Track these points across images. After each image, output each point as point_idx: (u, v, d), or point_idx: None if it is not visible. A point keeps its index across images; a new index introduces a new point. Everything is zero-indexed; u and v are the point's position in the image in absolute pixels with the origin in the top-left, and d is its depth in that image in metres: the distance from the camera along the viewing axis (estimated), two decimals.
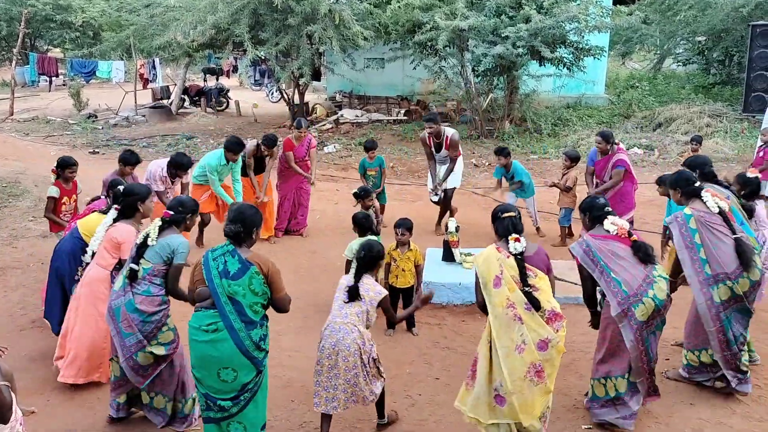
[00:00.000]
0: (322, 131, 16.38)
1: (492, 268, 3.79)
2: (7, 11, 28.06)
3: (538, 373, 3.67)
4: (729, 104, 15.94)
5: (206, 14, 14.10)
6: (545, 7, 12.78)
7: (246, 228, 3.71)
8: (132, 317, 4.03)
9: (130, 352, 4.06)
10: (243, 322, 3.62)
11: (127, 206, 4.65)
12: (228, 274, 3.62)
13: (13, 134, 16.77)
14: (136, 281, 4.09)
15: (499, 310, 3.72)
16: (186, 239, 4.24)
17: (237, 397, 3.67)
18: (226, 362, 3.61)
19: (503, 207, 4.14)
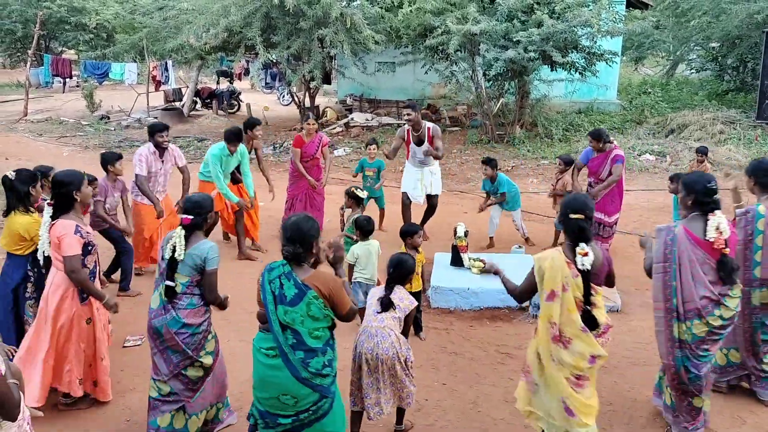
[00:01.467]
0: (332, 134, 16.40)
1: (554, 280, 3.53)
2: (22, 13, 28.35)
3: (576, 384, 3.56)
4: (743, 111, 15.83)
5: (219, 17, 14.18)
6: (557, 12, 12.74)
7: (305, 246, 3.39)
8: (179, 333, 3.82)
9: (178, 369, 3.87)
10: (301, 350, 3.35)
11: (61, 199, 4.22)
12: (284, 300, 3.33)
13: (26, 135, 16.92)
14: (176, 297, 3.84)
15: (540, 322, 3.64)
16: (213, 243, 3.95)
17: (297, 415, 3.44)
18: (285, 389, 3.38)
19: (573, 203, 3.63)
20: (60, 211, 4.23)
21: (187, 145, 15.60)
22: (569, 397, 3.53)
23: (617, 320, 6.07)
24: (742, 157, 12.68)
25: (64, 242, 4.13)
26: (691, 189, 3.97)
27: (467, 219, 8.64)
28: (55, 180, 4.26)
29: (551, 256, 3.59)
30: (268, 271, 3.45)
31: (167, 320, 3.84)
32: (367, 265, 5.87)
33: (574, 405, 3.53)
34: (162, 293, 3.86)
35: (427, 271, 6.30)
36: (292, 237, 3.39)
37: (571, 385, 3.53)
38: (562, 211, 3.65)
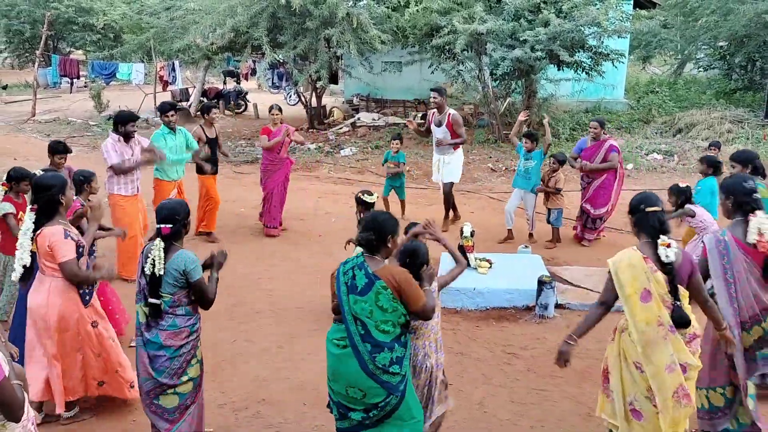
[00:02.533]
0: (339, 134, 16.41)
1: (639, 280, 3.39)
2: (30, 14, 28.48)
3: (686, 395, 3.38)
4: (751, 110, 15.74)
5: (225, 17, 14.19)
6: (564, 11, 12.69)
7: (380, 236, 3.39)
8: (157, 355, 3.61)
9: (149, 398, 3.69)
10: (367, 343, 3.31)
11: (46, 204, 4.04)
12: (355, 290, 3.33)
13: (34, 135, 17.00)
14: (160, 317, 3.64)
15: (643, 327, 3.40)
16: (190, 252, 3.72)
17: (367, 411, 3.39)
18: (352, 382, 3.37)
19: (646, 198, 3.54)
20: (44, 216, 4.06)
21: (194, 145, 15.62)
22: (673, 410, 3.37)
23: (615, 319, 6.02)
24: None
25: (59, 249, 3.98)
26: (730, 192, 3.91)
27: (474, 219, 8.63)
28: (38, 183, 4.09)
29: (627, 255, 3.47)
30: (344, 264, 3.49)
31: (143, 342, 3.67)
32: None
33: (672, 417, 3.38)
34: (145, 312, 3.66)
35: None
36: (368, 225, 3.45)
37: (677, 399, 3.37)
38: (635, 208, 3.55)
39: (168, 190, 7.48)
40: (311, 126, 17.21)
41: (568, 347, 3.64)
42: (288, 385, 5.00)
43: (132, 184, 6.89)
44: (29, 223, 4.06)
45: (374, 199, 6.60)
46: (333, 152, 14.51)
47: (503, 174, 12.47)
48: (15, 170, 5.51)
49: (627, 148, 13.41)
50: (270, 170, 8.52)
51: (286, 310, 6.38)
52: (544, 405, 4.73)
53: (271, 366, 5.29)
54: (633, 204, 3.59)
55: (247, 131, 17.34)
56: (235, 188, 10.98)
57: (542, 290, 6.11)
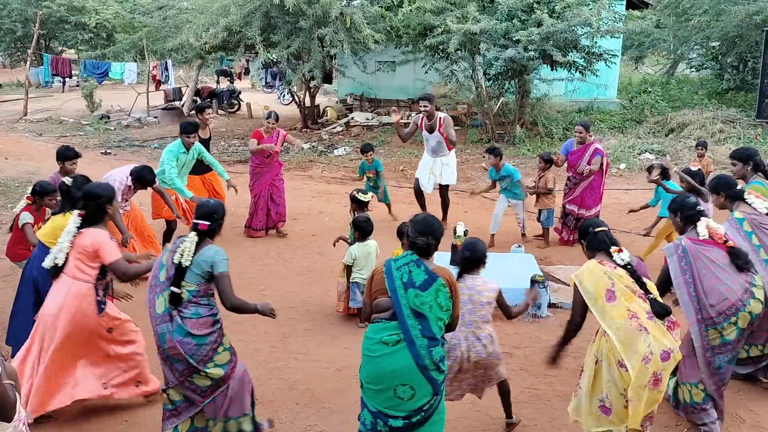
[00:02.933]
0: (332, 134, 16.40)
1: (601, 283, 3.69)
2: (22, 12, 28.34)
3: (656, 381, 3.58)
4: (742, 110, 15.81)
5: (218, 17, 14.16)
6: (557, 11, 12.73)
7: (436, 240, 3.54)
8: (184, 342, 3.71)
9: (183, 376, 3.78)
10: (426, 337, 3.38)
11: (93, 211, 4.23)
12: (414, 285, 3.42)
13: (26, 134, 16.92)
14: (181, 305, 3.75)
15: (620, 322, 3.60)
16: (220, 248, 3.87)
17: (409, 417, 3.41)
18: (404, 378, 3.37)
19: (593, 222, 4.05)
20: (89, 222, 4.24)
21: None
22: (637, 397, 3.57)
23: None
24: None
25: (106, 249, 4.16)
26: (677, 210, 4.37)
27: (467, 218, 8.64)
28: (88, 192, 4.29)
29: (585, 267, 3.82)
30: (394, 260, 3.55)
31: (171, 329, 3.74)
32: (365, 265, 5.89)
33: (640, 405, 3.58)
34: (166, 300, 3.77)
35: None
36: (425, 231, 3.53)
37: (650, 385, 3.56)
38: (584, 233, 4.00)
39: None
40: (305, 125, 17.20)
41: (554, 357, 4.10)
42: (281, 385, 5.00)
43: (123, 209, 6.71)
44: (73, 226, 4.22)
45: (369, 198, 6.62)
46: (327, 152, 14.51)
47: None
48: (40, 185, 5.63)
49: (620, 147, 13.47)
50: (258, 173, 8.47)
51: (279, 310, 6.29)
52: (536, 404, 4.75)
53: (264, 366, 5.28)
54: (582, 230, 4.04)
55: (240, 131, 17.31)
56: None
57: None
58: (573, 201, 8.01)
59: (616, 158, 12.93)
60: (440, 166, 8.63)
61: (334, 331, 5.95)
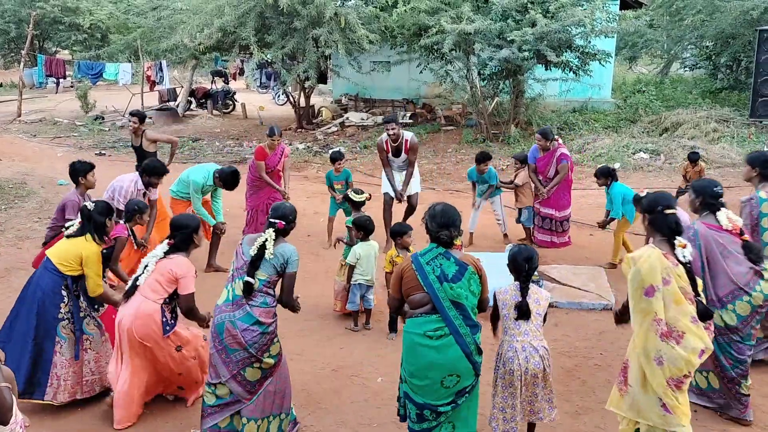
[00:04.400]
0: (327, 134, 16.40)
1: (655, 276, 3.45)
2: (15, 13, 28.26)
3: (677, 384, 3.49)
4: (736, 109, 15.87)
5: (213, 17, 14.17)
6: (551, 12, 12.76)
7: (456, 230, 3.64)
8: (250, 329, 3.83)
9: (237, 368, 3.87)
10: (468, 326, 3.52)
11: (182, 240, 4.40)
12: (447, 278, 3.50)
13: (20, 135, 16.87)
14: (252, 294, 3.90)
15: (641, 319, 3.51)
16: (294, 246, 4.05)
17: (454, 401, 3.56)
18: (451, 368, 3.49)
19: (662, 198, 3.71)
20: (177, 250, 4.38)
21: (182, 146, 15.56)
22: (666, 396, 3.48)
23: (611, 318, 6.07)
24: (735, 155, 12.72)
25: (188, 281, 4.29)
26: (700, 192, 4.36)
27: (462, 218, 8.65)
28: (176, 223, 4.47)
29: (646, 253, 3.53)
30: (421, 256, 3.59)
31: (238, 316, 3.85)
32: (367, 266, 5.88)
33: (671, 404, 3.49)
34: (234, 289, 3.92)
35: None
36: (446, 223, 3.58)
37: (671, 387, 3.48)
38: (650, 208, 3.66)
39: (183, 207, 7.18)
40: (300, 126, 17.21)
41: None
42: None
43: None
44: (160, 251, 4.38)
45: (363, 198, 6.63)
46: (322, 152, 14.51)
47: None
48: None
49: (614, 147, 13.50)
50: (257, 186, 8.12)
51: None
52: None
53: None
54: (649, 203, 3.71)
55: (234, 131, 17.31)
56: None
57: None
58: (547, 204, 8.08)
59: (610, 158, 12.96)
60: (408, 177, 8.15)
61: (329, 332, 5.95)
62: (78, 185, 5.89)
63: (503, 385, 3.84)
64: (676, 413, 3.49)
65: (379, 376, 5.10)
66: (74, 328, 4.55)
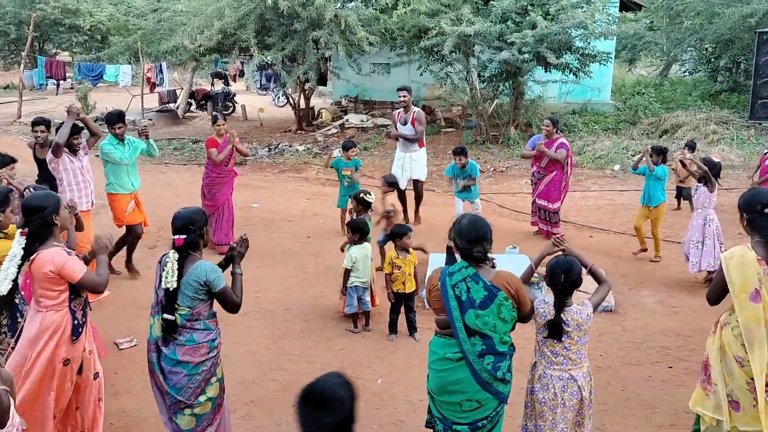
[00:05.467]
0: (327, 136, 16.40)
1: (750, 279, 3.33)
2: (16, 15, 28.27)
3: None
4: (735, 111, 15.89)
5: (213, 19, 14.17)
6: (551, 14, 12.77)
7: (490, 243, 3.26)
8: (174, 371, 3.43)
9: (169, 414, 3.51)
10: (488, 354, 3.19)
11: (39, 225, 3.54)
12: (473, 304, 3.15)
13: (20, 137, 16.84)
14: (176, 332, 3.45)
15: (749, 325, 3.36)
16: (209, 262, 3.55)
17: (474, 423, 3.28)
18: (469, 394, 3.23)
19: (765, 196, 3.42)
20: (37, 241, 3.55)
21: (182, 147, 15.59)
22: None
23: (610, 320, 6.09)
24: (735, 157, 12.74)
25: (70, 268, 3.52)
26: (747, 209, 3.55)
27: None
28: (28, 206, 3.58)
29: (739, 253, 3.39)
30: (449, 275, 3.24)
31: (164, 356, 3.48)
32: (363, 268, 5.88)
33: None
34: (160, 326, 3.46)
35: (421, 272, 6.30)
36: (477, 238, 3.22)
37: None
38: (748, 206, 3.45)
39: (125, 204, 6.91)
40: (300, 127, 17.21)
41: None
42: (276, 387, 5.00)
43: (87, 198, 6.44)
44: (18, 248, 3.53)
45: (373, 199, 6.64)
46: (321, 153, 14.51)
47: (491, 175, 12.52)
48: None
49: (614, 149, 13.51)
50: (218, 183, 7.90)
51: (273, 311, 6.38)
52: None
53: (259, 367, 5.28)
54: (747, 202, 3.49)
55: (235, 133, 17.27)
56: None
57: (530, 290, 6.14)
58: (539, 195, 8.39)
59: (610, 159, 12.97)
60: (409, 161, 8.82)
61: (329, 333, 5.95)
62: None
63: (538, 413, 3.52)
64: (745, 413, 3.40)
65: (379, 378, 5.10)
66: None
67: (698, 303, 6.13)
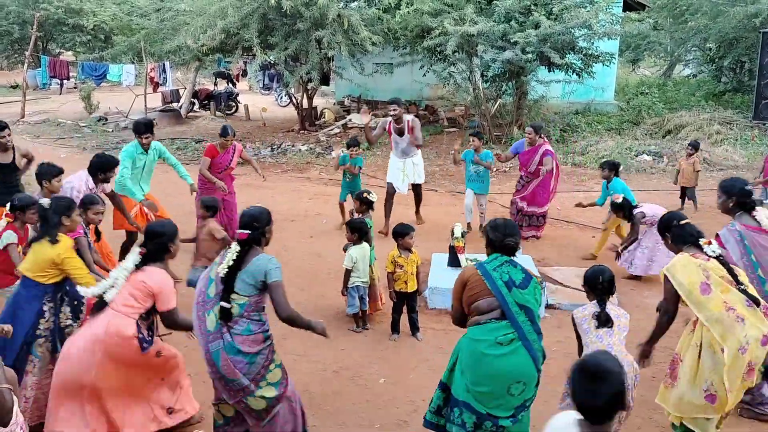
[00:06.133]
0: (330, 136, 16.40)
1: (695, 276, 3.70)
2: (19, 14, 28.31)
3: (750, 371, 3.65)
4: (739, 111, 15.85)
5: (216, 19, 14.17)
6: (555, 13, 12.75)
7: (519, 238, 3.73)
8: (235, 360, 3.55)
9: (239, 396, 3.61)
10: (535, 332, 3.51)
11: (156, 250, 3.98)
12: (515, 284, 3.52)
13: (24, 136, 16.89)
14: (231, 320, 3.58)
15: (716, 314, 3.65)
16: (272, 256, 3.70)
17: (515, 415, 3.49)
18: (519, 375, 3.45)
19: (676, 215, 4.04)
20: (150, 261, 3.96)
21: (185, 147, 15.60)
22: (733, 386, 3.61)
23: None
24: (738, 158, 12.70)
25: (164, 296, 3.89)
26: (731, 192, 4.34)
27: (464, 220, 8.64)
28: (150, 230, 4.08)
29: (677, 260, 3.80)
30: (487, 263, 3.62)
31: (222, 345, 3.57)
32: (363, 268, 5.88)
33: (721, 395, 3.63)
34: (216, 315, 3.59)
35: (423, 271, 6.30)
36: (511, 232, 3.66)
37: (744, 374, 3.61)
38: (667, 226, 3.98)
39: (129, 209, 6.73)
40: (302, 127, 17.21)
41: (647, 352, 4.03)
42: None
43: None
44: (131, 263, 3.93)
45: (376, 198, 6.65)
46: (324, 153, 14.51)
47: (494, 175, 12.48)
48: (19, 199, 5.09)
49: (617, 149, 13.49)
50: (209, 188, 7.69)
51: None
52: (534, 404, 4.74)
53: None
54: (664, 223, 4.03)
55: (238, 133, 17.26)
56: None
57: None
58: (524, 198, 8.38)
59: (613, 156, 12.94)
60: (411, 166, 8.82)
61: (331, 333, 5.87)
62: (42, 189, 5.49)
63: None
64: (720, 402, 3.63)
65: (381, 378, 5.10)
66: (50, 347, 4.20)
67: None
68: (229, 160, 7.83)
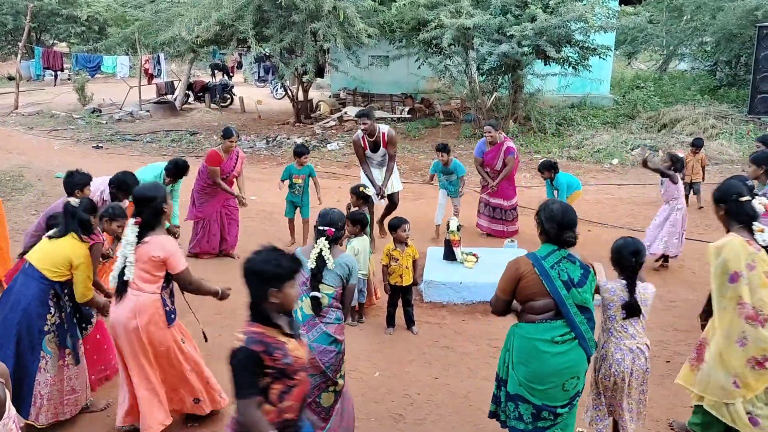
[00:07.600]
0: (325, 128, 16.37)
1: (740, 263, 3.51)
2: (13, 5, 28.13)
3: (759, 363, 3.55)
4: (735, 106, 15.87)
5: (210, 10, 14.09)
6: (551, 6, 12.73)
7: (577, 235, 3.45)
8: (327, 351, 3.62)
9: (313, 396, 3.59)
10: (591, 328, 3.40)
11: (151, 214, 3.91)
12: (574, 283, 3.33)
13: (17, 128, 16.82)
14: (323, 311, 3.67)
15: (725, 303, 3.58)
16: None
17: (570, 403, 3.45)
18: (575, 371, 3.39)
19: (736, 186, 3.69)
20: (149, 228, 3.91)
21: (180, 139, 15.55)
22: (742, 375, 3.57)
23: None
24: (734, 152, 12.73)
25: (173, 260, 3.89)
26: (722, 201, 3.75)
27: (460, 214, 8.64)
28: (139, 195, 3.96)
29: (728, 241, 3.58)
30: (544, 259, 3.36)
31: (312, 338, 3.59)
32: (364, 260, 5.87)
33: (744, 381, 3.58)
34: (302, 308, 3.66)
35: (419, 265, 6.29)
36: (569, 224, 3.37)
37: (751, 366, 3.56)
38: (723, 198, 3.68)
39: None
40: (298, 120, 17.17)
41: None
42: None
43: None
44: (132, 236, 3.88)
45: (371, 192, 6.58)
46: (320, 146, 14.48)
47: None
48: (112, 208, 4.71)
49: (612, 143, 13.49)
50: (208, 194, 7.40)
51: None
52: None
53: None
54: (722, 193, 3.71)
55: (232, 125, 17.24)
56: None
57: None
58: (496, 195, 8.28)
59: (608, 153, 12.95)
60: (389, 174, 7.80)
61: None
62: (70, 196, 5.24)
63: (610, 386, 3.72)
64: (744, 388, 3.58)
65: (377, 371, 5.09)
66: (58, 341, 4.11)
67: (696, 298, 6.13)
68: (233, 166, 7.43)
